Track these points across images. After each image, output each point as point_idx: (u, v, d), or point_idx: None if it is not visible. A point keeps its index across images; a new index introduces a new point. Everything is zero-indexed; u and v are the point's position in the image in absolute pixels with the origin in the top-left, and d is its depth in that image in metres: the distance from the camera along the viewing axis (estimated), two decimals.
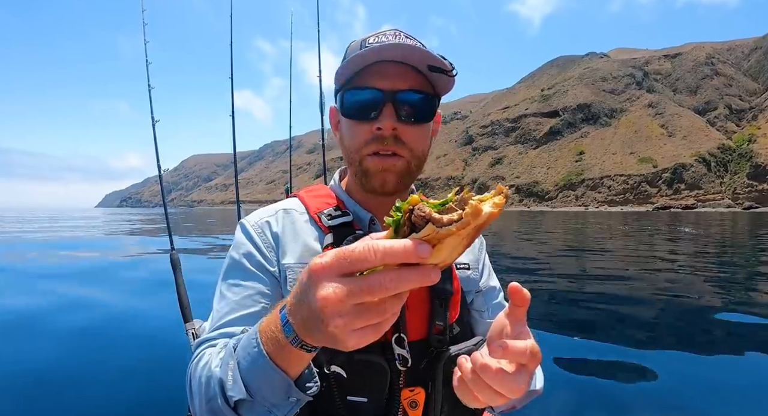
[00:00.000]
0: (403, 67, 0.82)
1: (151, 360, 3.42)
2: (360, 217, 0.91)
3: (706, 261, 10.23)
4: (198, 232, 19.76)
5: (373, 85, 0.81)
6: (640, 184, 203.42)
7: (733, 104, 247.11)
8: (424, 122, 0.86)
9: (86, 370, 3.23)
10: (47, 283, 6.45)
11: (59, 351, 3.58)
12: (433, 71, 0.83)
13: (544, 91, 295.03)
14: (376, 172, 0.83)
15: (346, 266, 0.46)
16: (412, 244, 0.43)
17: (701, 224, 32.88)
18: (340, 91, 0.86)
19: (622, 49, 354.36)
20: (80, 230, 19.89)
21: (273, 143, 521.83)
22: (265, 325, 0.62)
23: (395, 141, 0.82)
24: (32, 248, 11.78)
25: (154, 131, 2.76)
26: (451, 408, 0.85)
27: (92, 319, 4.55)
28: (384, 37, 0.82)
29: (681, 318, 5.19)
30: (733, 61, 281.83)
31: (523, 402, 0.92)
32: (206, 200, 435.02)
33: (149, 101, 2.76)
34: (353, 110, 0.83)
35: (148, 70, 2.69)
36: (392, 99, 0.81)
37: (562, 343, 3.97)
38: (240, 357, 0.64)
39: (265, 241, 0.88)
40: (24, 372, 3.16)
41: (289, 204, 0.95)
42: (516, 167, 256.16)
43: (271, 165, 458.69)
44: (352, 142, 0.85)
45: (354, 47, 0.85)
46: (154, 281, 6.67)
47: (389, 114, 0.81)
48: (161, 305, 4.92)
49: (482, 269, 1.06)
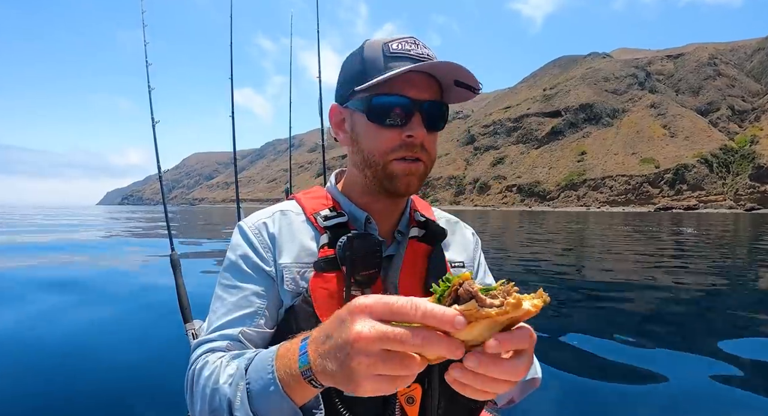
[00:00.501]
0: (429, 78, 0.85)
1: (151, 361, 3.42)
2: (356, 217, 0.93)
3: (707, 262, 10.20)
4: (198, 235, 19.69)
5: (404, 93, 0.82)
6: (642, 184, 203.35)
7: (736, 104, 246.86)
8: (440, 130, 0.90)
9: (86, 370, 3.23)
10: (47, 283, 6.42)
11: (60, 351, 3.58)
12: (458, 86, 0.85)
13: (546, 91, 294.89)
14: (403, 175, 0.86)
15: (386, 313, 0.48)
16: (452, 312, 0.45)
17: (702, 224, 32.81)
18: (357, 95, 0.86)
19: (625, 50, 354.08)
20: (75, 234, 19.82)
21: (275, 141, 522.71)
22: (283, 351, 0.63)
23: (421, 149, 0.86)
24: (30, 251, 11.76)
25: (154, 132, 2.75)
26: (449, 404, 0.86)
27: (92, 319, 4.54)
28: (406, 44, 0.84)
29: (682, 318, 5.17)
30: (735, 61, 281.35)
31: (522, 395, 0.92)
32: (207, 198, 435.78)
33: (149, 103, 2.74)
34: (382, 115, 0.84)
35: (148, 72, 2.67)
36: (420, 108, 0.84)
37: (562, 344, 3.96)
38: (252, 379, 0.65)
39: (261, 242, 0.90)
40: (24, 372, 3.15)
41: (286, 206, 0.97)
42: (518, 166, 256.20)
43: (272, 163, 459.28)
44: (376, 145, 0.86)
45: (375, 49, 0.85)
46: (155, 282, 6.64)
47: (419, 123, 0.83)
48: (161, 305, 4.89)
49: (477, 268, 1.07)
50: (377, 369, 0.48)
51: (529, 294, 0.49)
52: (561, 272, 8.65)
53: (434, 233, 0.96)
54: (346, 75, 0.90)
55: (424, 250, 0.94)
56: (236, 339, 0.81)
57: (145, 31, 2.77)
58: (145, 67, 2.67)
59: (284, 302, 0.86)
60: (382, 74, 0.81)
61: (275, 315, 0.86)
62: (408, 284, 0.88)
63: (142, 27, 2.80)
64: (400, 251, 0.92)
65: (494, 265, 9.77)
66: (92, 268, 8.16)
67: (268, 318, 0.85)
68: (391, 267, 0.90)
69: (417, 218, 0.98)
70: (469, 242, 1.08)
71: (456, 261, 1.01)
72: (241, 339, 0.81)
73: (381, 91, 0.83)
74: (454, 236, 1.06)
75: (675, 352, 3.78)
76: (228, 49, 3.00)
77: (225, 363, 0.74)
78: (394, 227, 0.97)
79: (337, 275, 0.84)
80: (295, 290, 0.85)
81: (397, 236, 0.96)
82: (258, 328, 0.83)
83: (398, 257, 0.91)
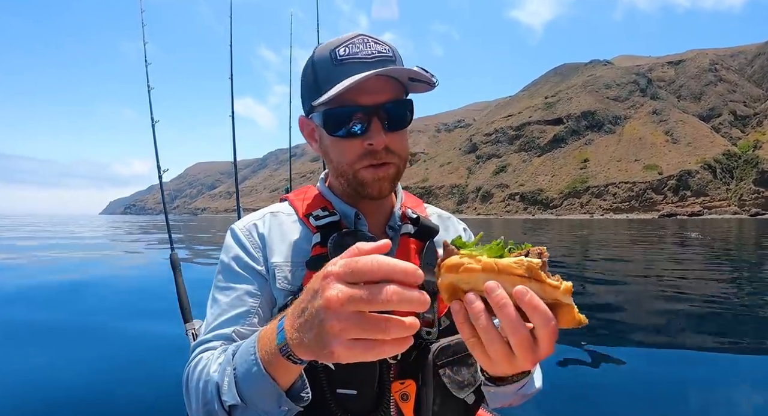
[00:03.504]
0: (383, 80, 0.82)
1: (151, 361, 3.42)
2: (346, 214, 0.93)
3: (713, 265, 9.88)
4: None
5: (357, 101, 0.81)
6: (646, 191, 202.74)
7: (738, 110, 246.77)
8: (406, 127, 0.88)
9: (86, 370, 3.23)
10: (48, 283, 6.38)
11: (59, 352, 3.56)
12: (414, 82, 0.85)
13: (547, 99, 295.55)
14: (373, 182, 0.86)
15: (351, 274, 0.48)
16: (413, 266, 0.45)
17: (707, 230, 32.44)
18: (316, 108, 0.86)
19: (626, 57, 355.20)
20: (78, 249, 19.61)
21: (277, 150, 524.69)
22: (263, 333, 0.64)
23: (386, 152, 0.85)
24: None
25: (153, 131, 2.77)
26: (443, 400, 0.85)
27: (92, 319, 4.51)
28: (354, 46, 0.82)
29: (683, 317, 5.05)
30: (736, 67, 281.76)
31: (520, 400, 0.90)
32: (210, 208, 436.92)
33: (149, 102, 2.75)
34: (339, 128, 0.83)
35: (148, 71, 2.67)
36: (377, 113, 0.82)
37: (561, 344, 3.94)
38: (237, 363, 0.66)
39: (252, 242, 0.90)
40: (25, 372, 3.16)
41: (277, 208, 0.98)
42: (520, 174, 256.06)
43: (274, 173, 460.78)
44: (342, 158, 0.86)
45: (323, 58, 0.84)
46: (154, 284, 6.55)
47: (377, 129, 0.82)
48: (161, 305, 4.73)
49: None
50: (350, 332, 0.47)
51: None
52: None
53: (427, 229, 0.95)
54: (303, 87, 0.89)
55: (417, 246, 0.94)
56: (230, 338, 0.81)
57: (144, 31, 2.78)
58: (145, 66, 2.66)
59: (277, 301, 0.86)
60: (332, 85, 0.79)
61: (269, 313, 0.86)
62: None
63: (141, 26, 2.79)
64: (392, 248, 0.90)
65: None
66: (92, 267, 8.02)
67: (261, 317, 0.85)
68: None
69: (408, 214, 0.97)
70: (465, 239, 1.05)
71: None
72: (235, 338, 0.81)
73: (335, 104, 0.82)
74: (448, 232, 1.05)
75: (675, 352, 3.81)
76: (229, 51, 3.04)
77: (216, 356, 0.76)
78: (385, 224, 0.97)
79: None
80: (288, 288, 0.85)
81: (389, 232, 0.95)
82: (252, 326, 0.83)
83: (389, 255, 0.87)
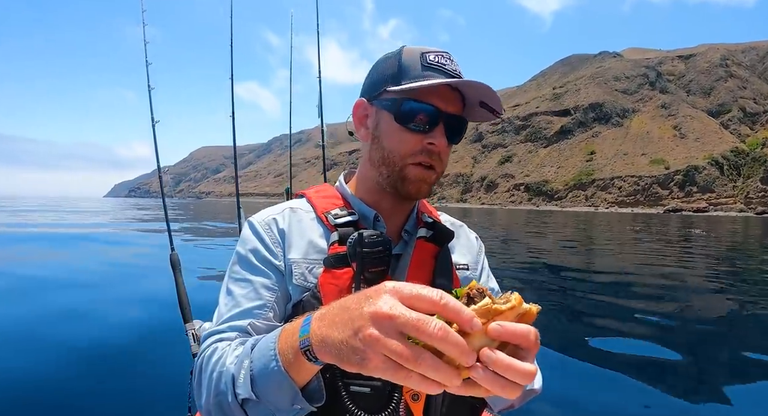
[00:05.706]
0: (457, 94, 0.90)
1: (151, 361, 3.42)
2: (365, 215, 0.96)
3: (716, 263, 9.99)
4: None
5: (433, 102, 0.86)
6: (652, 185, 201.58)
7: (747, 106, 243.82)
8: (456, 144, 0.95)
9: (87, 370, 3.24)
10: (45, 283, 6.26)
11: (59, 353, 3.55)
12: (482, 107, 0.91)
13: (555, 90, 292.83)
14: (416, 180, 0.90)
15: (412, 296, 0.48)
16: (472, 313, 0.46)
17: (713, 228, 32.43)
18: (384, 95, 0.90)
19: (635, 49, 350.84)
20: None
21: (282, 135, 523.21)
22: (287, 327, 0.65)
23: (438, 157, 0.90)
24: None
25: (153, 132, 2.72)
26: (452, 401, 0.87)
27: (91, 319, 4.46)
28: (443, 58, 0.88)
29: (684, 318, 5.11)
30: (747, 63, 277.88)
31: (522, 402, 0.93)
32: (214, 192, 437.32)
33: (149, 103, 2.71)
34: (409, 119, 0.87)
35: (148, 71, 2.65)
36: (444, 119, 0.88)
37: (561, 344, 3.98)
38: (255, 358, 0.67)
39: (271, 236, 0.92)
40: (24, 372, 3.15)
41: (296, 204, 1.00)
42: (526, 165, 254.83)
43: (279, 158, 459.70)
44: (398, 147, 0.89)
45: (413, 56, 0.89)
46: (154, 282, 6.51)
47: (441, 132, 0.88)
48: (161, 305, 4.78)
49: (481, 271, 1.10)
50: (384, 347, 0.47)
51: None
52: (562, 273, 8.46)
53: (442, 234, 0.98)
54: (380, 74, 0.92)
55: (432, 250, 0.96)
56: (245, 331, 0.82)
57: (145, 31, 2.75)
58: (146, 67, 2.65)
59: (292, 297, 0.87)
60: (417, 81, 0.85)
61: (284, 309, 0.88)
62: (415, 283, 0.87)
63: (143, 27, 2.78)
64: (408, 251, 0.94)
65: (499, 265, 9.60)
66: (91, 267, 7.94)
67: (276, 312, 0.86)
68: (398, 266, 0.92)
69: (424, 219, 1.00)
70: (473, 246, 1.11)
71: (460, 264, 1.03)
72: (250, 331, 0.82)
73: (412, 97, 0.86)
74: (459, 240, 1.08)
75: (676, 352, 3.81)
76: (234, 42, 3.01)
77: (233, 347, 0.76)
78: (401, 227, 0.99)
79: (347, 272, 0.85)
80: (304, 285, 0.87)
81: (404, 235, 0.99)
82: (267, 320, 0.84)
83: (406, 257, 0.93)
